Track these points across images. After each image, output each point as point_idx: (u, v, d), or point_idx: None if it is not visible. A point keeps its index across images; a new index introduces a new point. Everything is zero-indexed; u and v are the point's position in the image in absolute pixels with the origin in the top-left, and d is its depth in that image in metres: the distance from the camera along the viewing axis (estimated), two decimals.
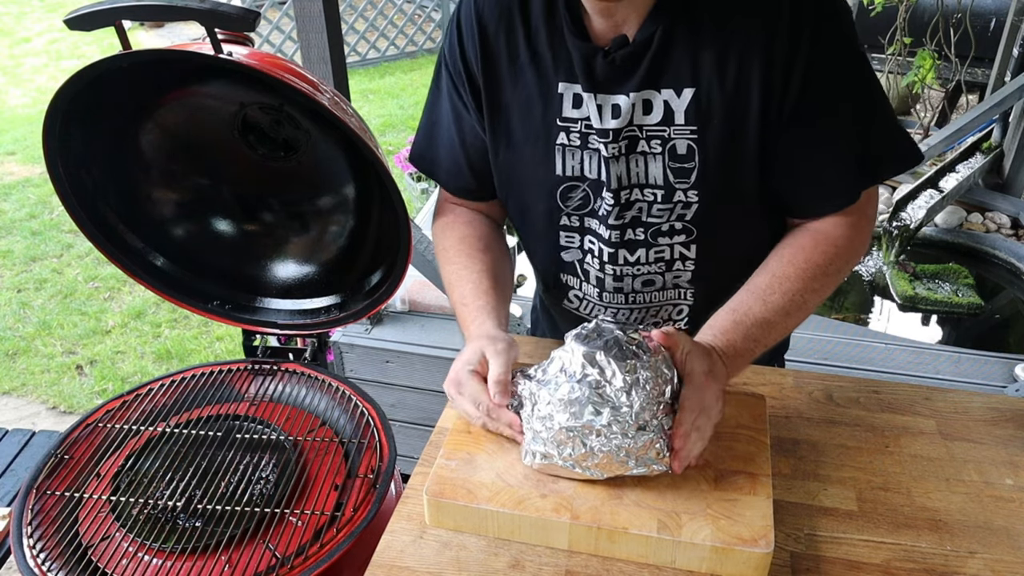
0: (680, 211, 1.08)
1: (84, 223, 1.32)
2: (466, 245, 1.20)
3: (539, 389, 0.93)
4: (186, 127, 1.28)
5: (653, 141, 1.04)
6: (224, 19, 1.05)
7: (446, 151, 1.21)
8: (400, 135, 5.64)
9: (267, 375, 1.43)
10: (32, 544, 1.09)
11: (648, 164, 1.06)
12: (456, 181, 1.23)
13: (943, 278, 3.12)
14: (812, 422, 1.08)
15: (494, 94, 1.11)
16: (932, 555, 0.89)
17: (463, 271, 1.17)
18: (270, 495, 1.17)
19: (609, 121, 1.04)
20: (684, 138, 1.03)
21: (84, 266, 4.08)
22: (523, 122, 1.10)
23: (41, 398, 3.21)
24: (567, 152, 1.09)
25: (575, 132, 1.07)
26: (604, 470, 0.90)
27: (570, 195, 1.12)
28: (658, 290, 1.18)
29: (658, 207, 1.08)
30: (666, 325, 1.17)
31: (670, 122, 1.03)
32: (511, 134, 1.12)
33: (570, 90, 1.06)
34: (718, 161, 1.03)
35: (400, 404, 2.38)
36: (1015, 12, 3.92)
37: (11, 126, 5.84)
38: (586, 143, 1.07)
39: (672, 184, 1.06)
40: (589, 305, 1.24)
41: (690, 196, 1.06)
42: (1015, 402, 1.13)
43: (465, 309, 1.13)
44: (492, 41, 1.08)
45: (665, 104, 1.02)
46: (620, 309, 1.21)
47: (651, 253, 1.13)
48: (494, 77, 1.10)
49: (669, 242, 1.12)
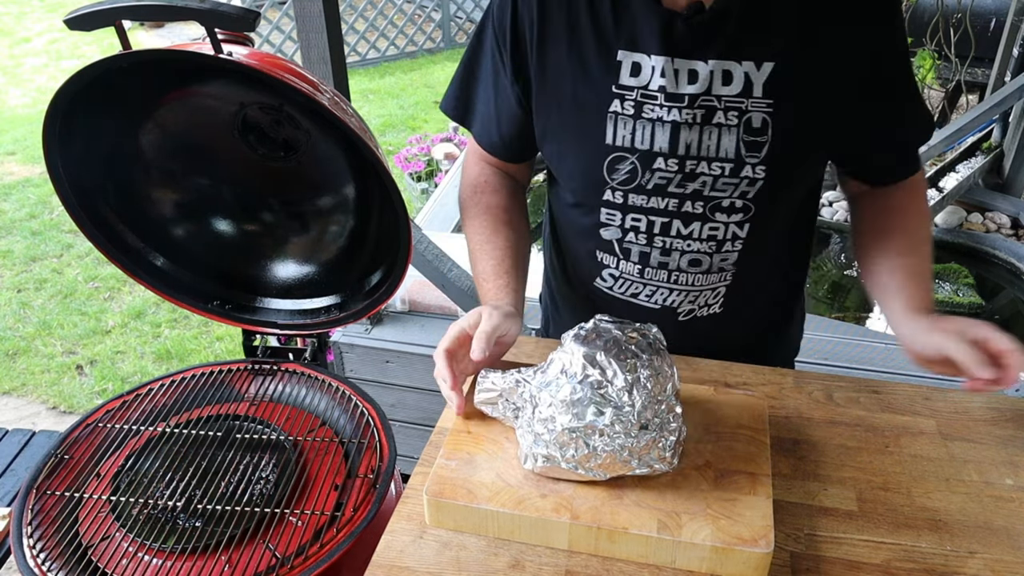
0: (744, 187, 1.09)
1: (84, 223, 1.32)
2: (491, 217, 1.23)
3: (539, 392, 0.93)
4: (186, 127, 1.28)
5: (730, 112, 1.05)
6: (224, 19, 1.05)
7: (483, 104, 1.21)
8: (400, 135, 5.64)
9: (267, 375, 1.43)
10: (32, 544, 1.09)
11: (722, 136, 1.06)
12: (488, 136, 1.24)
13: (943, 278, 3.13)
14: (812, 422, 1.08)
15: (547, 57, 1.10)
16: (932, 555, 0.89)
17: (487, 244, 1.20)
18: (270, 495, 1.17)
19: (686, 87, 1.04)
20: (760, 111, 1.04)
21: (84, 266, 4.08)
22: (576, 88, 1.09)
23: (41, 398, 3.21)
24: (619, 121, 1.08)
25: (630, 100, 1.07)
26: (607, 470, 0.90)
27: (617, 167, 1.11)
28: (703, 272, 1.17)
29: (724, 181, 1.09)
30: (700, 312, 1.22)
31: (748, 94, 1.04)
32: (561, 99, 1.11)
33: (630, 58, 1.06)
34: (790, 135, 1.06)
35: (400, 404, 2.38)
36: (1015, 12, 3.93)
37: (11, 126, 5.84)
38: (640, 112, 1.07)
39: (743, 158, 1.07)
40: (625, 283, 1.22)
41: (757, 172, 1.07)
42: (1015, 402, 1.13)
43: (486, 284, 1.17)
44: (550, 5, 1.08)
45: (745, 76, 1.04)
46: (660, 288, 1.20)
47: (705, 229, 1.13)
48: (549, 40, 1.09)
49: (725, 220, 1.12)
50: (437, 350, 1.02)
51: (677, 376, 0.93)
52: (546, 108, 1.13)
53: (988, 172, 3.72)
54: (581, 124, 1.11)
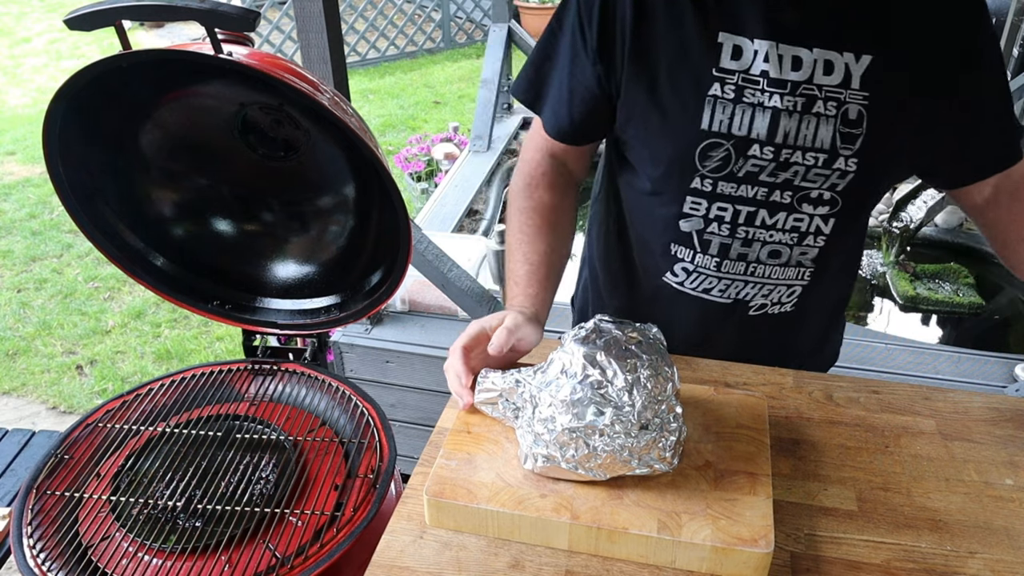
0: (835, 180, 1.09)
1: (84, 223, 1.32)
2: (538, 215, 1.20)
3: (539, 392, 0.93)
4: (186, 127, 1.28)
5: (830, 102, 1.05)
6: (224, 19, 1.05)
7: (556, 88, 1.17)
8: (400, 135, 5.63)
9: (267, 375, 1.43)
10: (32, 544, 1.09)
11: (819, 126, 1.06)
12: (556, 121, 1.20)
13: (943, 278, 3.12)
14: (812, 422, 1.08)
15: (644, 38, 1.07)
16: (932, 555, 0.89)
17: (526, 246, 1.18)
18: (270, 495, 1.17)
19: (789, 73, 1.04)
20: (856, 103, 1.05)
21: (84, 266, 4.08)
22: (673, 70, 1.07)
23: (41, 398, 3.21)
24: (718, 105, 1.06)
25: (730, 84, 1.05)
26: (607, 470, 0.90)
27: (710, 154, 1.08)
28: (781, 265, 1.16)
29: (816, 171, 1.08)
30: (771, 309, 1.21)
31: (847, 85, 1.04)
32: (656, 81, 1.08)
33: (731, 40, 1.04)
34: (885, 130, 1.06)
35: (400, 404, 2.38)
36: (1015, 12, 3.92)
37: (11, 126, 5.84)
38: (741, 96, 1.06)
39: (837, 149, 1.07)
40: (699, 278, 1.19)
41: (850, 164, 1.07)
42: (1015, 402, 1.13)
43: (516, 288, 1.16)
44: None
45: (846, 67, 1.04)
46: (735, 280, 1.18)
47: (790, 220, 1.13)
48: (648, 20, 1.06)
49: (812, 211, 1.12)
50: (454, 345, 1.03)
51: (677, 376, 0.93)
52: (636, 90, 1.09)
53: None
54: (675, 107, 1.08)
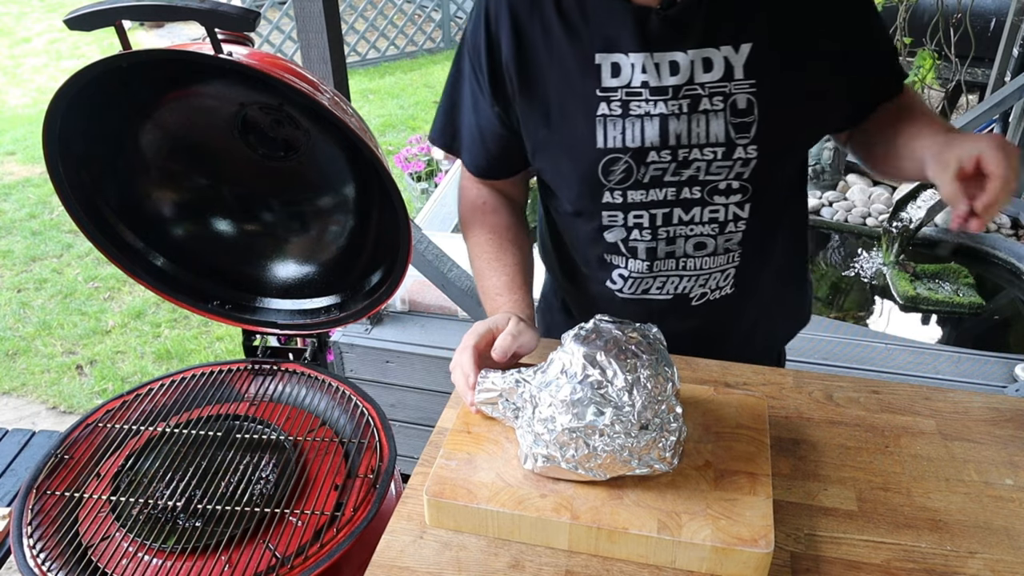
0: (739, 169, 1.11)
1: (84, 223, 1.32)
2: (496, 235, 1.25)
3: (539, 392, 0.93)
4: (186, 127, 1.28)
5: (715, 98, 1.07)
6: (224, 19, 1.05)
7: (468, 131, 1.23)
8: (400, 135, 5.63)
9: (267, 375, 1.43)
10: (32, 544, 1.09)
11: (710, 122, 1.08)
12: (476, 161, 1.26)
13: (943, 278, 3.12)
14: (812, 422, 1.08)
15: (529, 75, 1.12)
16: (932, 555, 0.89)
17: (495, 262, 1.22)
18: (270, 495, 1.17)
19: (668, 79, 1.07)
20: (744, 92, 1.07)
21: (84, 266, 4.08)
22: (561, 99, 1.11)
23: (41, 398, 3.21)
24: (608, 123, 1.10)
25: (616, 101, 1.09)
26: (607, 470, 0.90)
27: (612, 168, 1.12)
28: (709, 254, 1.19)
29: (717, 164, 1.10)
30: (712, 295, 1.23)
31: (730, 77, 1.06)
32: (549, 114, 1.13)
33: (608, 59, 1.08)
34: (777, 112, 1.08)
35: (400, 404, 2.38)
36: (1015, 12, 3.92)
37: (11, 126, 5.84)
38: (628, 110, 1.09)
39: (733, 140, 1.09)
40: (636, 282, 1.23)
41: (749, 151, 1.09)
42: (1015, 402, 1.13)
43: (499, 298, 1.19)
44: (524, 22, 1.10)
45: (725, 60, 1.06)
46: (670, 277, 1.21)
47: (705, 212, 1.15)
48: (528, 58, 1.11)
49: (724, 201, 1.14)
50: (465, 344, 1.04)
51: (677, 376, 0.93)
52: (534, 124, 1.15)
53: None
54: (571, 133, 1.12)
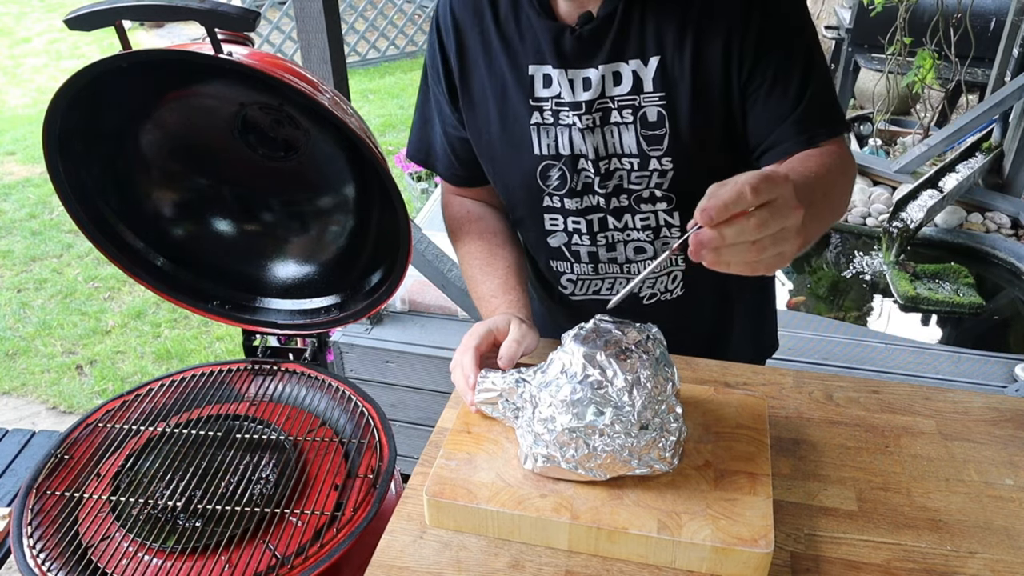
0: (657, 179, 1.12)
1: (84, 223, 1.32)
2: (485, 242, 1.26)
3: (539, 392, 0.93)
4: (186, 127, 1.28)
5: (625, 111, 1.09)
6: (224, 19, 1.05)
7: (439, 144, 1.27)
8: (400, 135, 5.64)
9: (267, 375, 1.43)
10: (32, 544, 1.09)
11: (622, 133, 1.10)
12: (451, 171, 1.29)
13: (943, 278, 3.12)
14: (812, 422, 1.08)
15: (471, 85, 1.17)
16: (932, 555, 0.89)
17: (487, 267, 1.23)
18: (270, 495, 1.17)
19: (581, 94, 1.09)
20: (653, 105, 1.07)
21: (84, 266, 4.08)
22: (500, 108, 1.15)
23: (41, 398, 3.21)
24: (542, 131, 1.13)
25: (548, 110, 1.12)
26: (607, 470, 0.90)
27: (549, 174, 1.16)
28: (650, 258, 1.21)
29: (636, 175, 1.12)
30: (663, 296, 1.24)
31: (639, 90, 1.07)
32: (490, 122, 1.17)
33: (540, 71, 1.11)
34: (687, 126, 1.07)
35: (400, 404, 2.38)
36: (1015, 12, 3.92)
37: (11, 126, 5.84)
38: (558, 119, 1.12)
39: (646, 152, 1.10)
40: (584, 284, 1.26)
41: (664, 163, 1.10)
42: (1015, 402, 1.13)
43: (495, 300, 1.18)
44: (466, 34, 1.14)
45: (634, 74, 1.07)
46: (617, 279, 1.24)
47: (637, 219, 1.17)
48: (470, 68, 1.16)
49: (652, 209, 1.15)
50: (465, 344, 1.05)
51: (677, 376, 0.93)
52: (477, 131, 1.19)
53: (988, 172, 3.71)
54: (510, 140, 1.16)
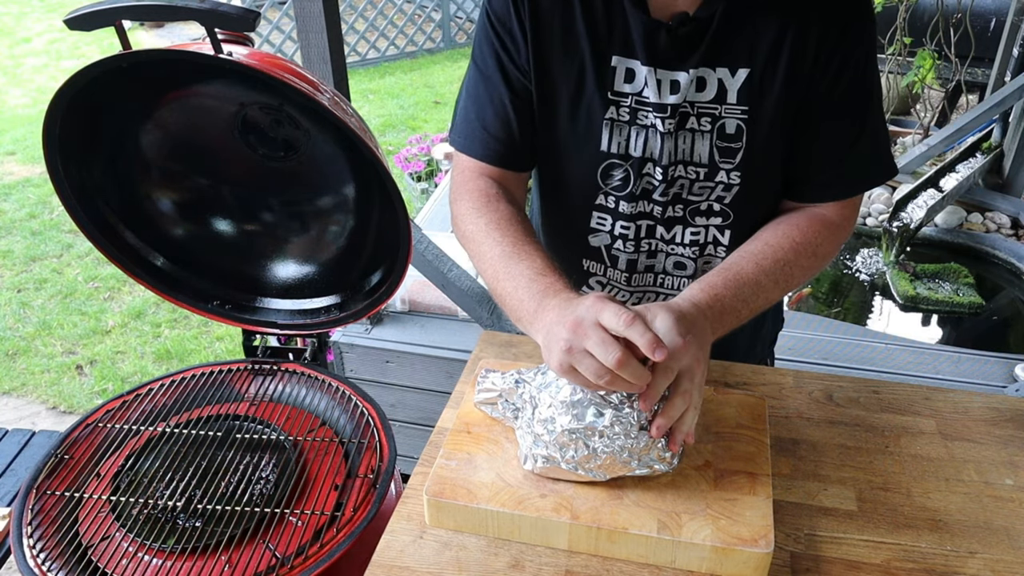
0: (720, 192, 1.09)
1: (84, 223, 1.32)
2: (519, 222, 1.08)
3: (539, 392, 0.93)
4: (186, 127, 1.28)
5: (704, 118, 1.05)
6: (224, 19, 1.05)
7: (493, 118, 1.12)
8: (400, 135, 5.63)
9: (267, 375, 1.43)
10: (32, 544, 1.09)
11: (695, 141, 1.06)
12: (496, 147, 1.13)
13: (943, 278, 3.12)
14: (812, 422, 1.08)
15: (544, 63, 1.08)
16: (932, 555, 0.89)
17: (527, 245, 1.04)
18: (270, 495, 1.17)
19: (668, 96, 1.05)
20: (734, 117, 1.04)
21: (84, 266, 4.08)
22: (572, 94, 1.08)
23: (41, 398, 3.21)
24: (615, 127, 1.08)
25: (625, 107, 1.07)
26: (607, 471, 0.90)
27: (611, 173, 1.11)
28: (688, 276, 1.18)
29: (700, 185, 1.09)
30: None
31: (722, 100, 1.04)
32: (557, 105, 1.10)
33: (624, 63, 1.05)
34: (764, 142, 1.05)
35: (400, 404, 2.38)
36: (1015, 12, 3.92)
37: (11, 126, 5.83)
38: (635, 118, 1.07)
39: (717, 163, 1.07)
40: (612, 291, 1.22)
41: (732, 177, 1.07)
42: (1015, 402, 1.13)
43: (543, 279, 0.98)
44: (546, 10, 1.06)
45: (719, 82, 1.04)
46: (647, 292, 1.20)
47: (687, 233, 1.14)
48: (545, 46, 1.07)
49: (705, 223, 1.13)
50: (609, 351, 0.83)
51: None
52: (543, 114, 1.12)
53: (988, 172, 3.71)
54: (576, 131, 1.10)
